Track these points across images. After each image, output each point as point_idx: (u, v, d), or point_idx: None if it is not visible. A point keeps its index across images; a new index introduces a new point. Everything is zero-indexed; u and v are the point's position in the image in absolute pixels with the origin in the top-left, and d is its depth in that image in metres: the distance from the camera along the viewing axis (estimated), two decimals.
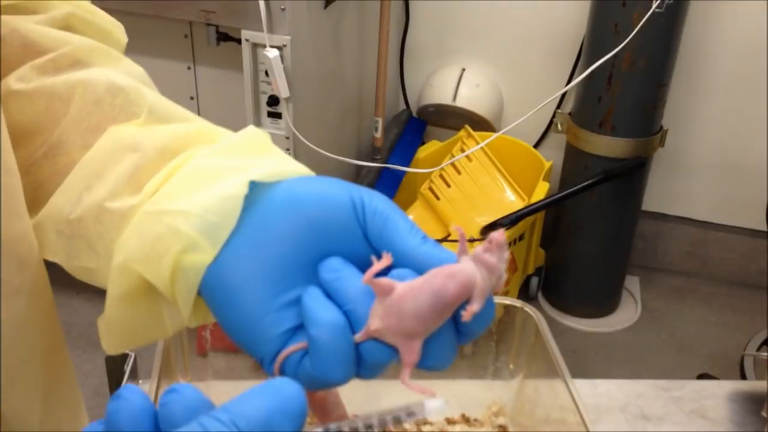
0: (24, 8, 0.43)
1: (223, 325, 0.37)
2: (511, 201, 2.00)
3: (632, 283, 2.30)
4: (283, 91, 1.53)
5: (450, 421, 0.77)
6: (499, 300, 0.76)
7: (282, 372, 0.36)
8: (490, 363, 0.79)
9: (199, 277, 0.36)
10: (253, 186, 0.37)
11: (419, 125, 2.23)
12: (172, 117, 0.42)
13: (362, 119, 2.05)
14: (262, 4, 1.45)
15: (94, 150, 0.40)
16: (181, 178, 0.38)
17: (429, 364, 0.35)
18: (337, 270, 0.35)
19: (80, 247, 0.40)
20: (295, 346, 0.35)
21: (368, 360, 0.35)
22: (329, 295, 0.35)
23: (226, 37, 1.61)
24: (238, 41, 1.54)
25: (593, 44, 1.85)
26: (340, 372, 0.34)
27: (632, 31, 1.68)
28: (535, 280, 2.19)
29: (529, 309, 0.73)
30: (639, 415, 0.79)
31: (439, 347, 0.35)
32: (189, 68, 1.74)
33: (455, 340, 0.35)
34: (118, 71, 0.43)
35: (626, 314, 2.21)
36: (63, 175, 0.40)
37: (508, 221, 1.83)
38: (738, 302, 2.24)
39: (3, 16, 0.42)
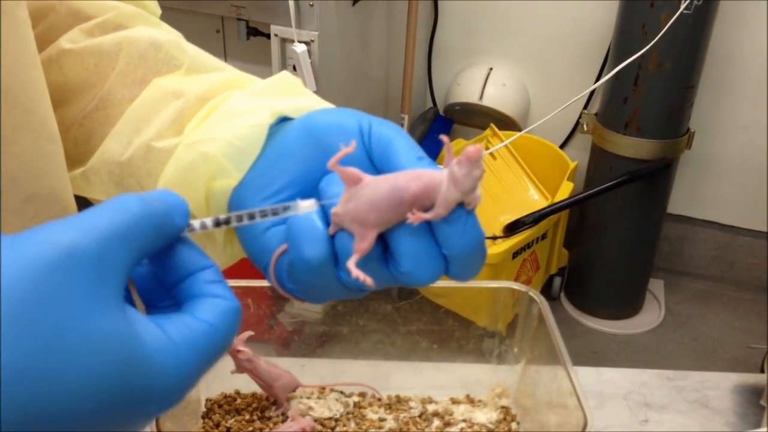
0: None
1: (241, 244, 0.40)
2: (535, 200, 2.01)
3: (656, 286, 2.29)
4: (310, 86, 1.57)
5: (454, 401, 0.79)
6: (505, 284, 0.78)
7: (277, 276, 0.38)
8: (495, 347, 0.81)
9: (226, 199, 0.40)
10: (282, 121, 0.40)
11: (445, 123, 2.25)
12: (210, 67, 0.46)
13: (389, 116, 2.08)
14: (291, 0, 1.49)
15: (142, 98, 0.44)
16: (216, 117, 0.42)
17: (404, 269, 0.35)
18: (331, 178, 0.37)
19: (131, 185, 0.44)
20: (282, 246, 0.37)
21: (340, 251, 0.35)
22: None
23: (256, 32, 1.65)
24: (268, 36, 1.58)
25: (620, 45, 1.86)
26: (310, 248, 0.35)
27: (659, 33, 1.69)
28: (557, 280, 2.20)
29: (533, 294, 0.75)
30: (642, 403, 0.81)
31: (409, 249, 0.35)
32: None
33: (432, 249, 0.35)
34: (158, 30, 0.48)
35: (649, 317, 2.21)
36: (112, 125, 0.44)
37: (531, 219, 1.85)
38: (763, 308, 2.22)
39: None
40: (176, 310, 0.31)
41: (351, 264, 0.34)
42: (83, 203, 0.45)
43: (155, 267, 0.32)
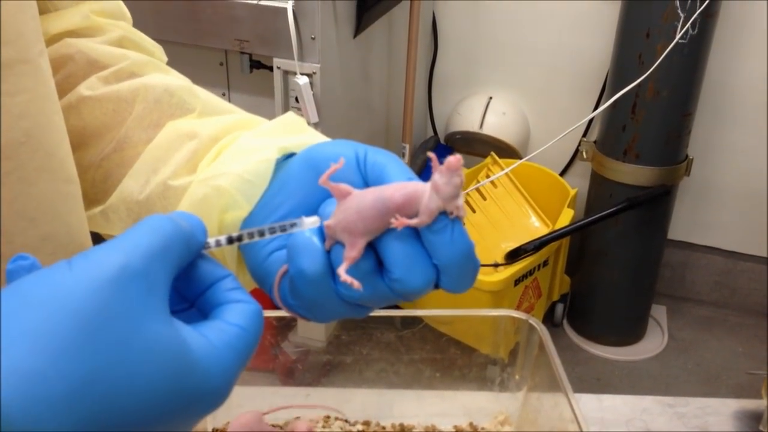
0: (84, 33, 0.51)
1: (249, 271, 0.42)
2: (536, 227, 2.02)
3: (659, 312, 2.29)
4: (312, 117, 1.59)
5: (458, 429, 0.80)
6: (505, 312, 0.79)
7: (281, 294, 0.40)
8: (497, 374, 0.82)
9: (237, 230, 0.42)
10: (289, 157, 0.43)
11: (446, 152, 2.28)
12: (221, 110, 0.49)
13: (390, 145, 2.10)
14: (293, 34, 1.52)
15: (158, 140, 0.47)
16: (227, 155, 0.45)
17: (395, 276, 0.36)
18: (329, 201, 0.39)
19: None
20: (284, 266, 0.40)
21: (335, 264, 0.37)
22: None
23: (258, 64, 1.68)
24: (270, 69, 1.61)
25: (617, 74, 1.89)
26: (307, 261, 0.37)
27: (656, 62, 1.71)
28: (560, 307, 2.20)
29: (533, 322, 0.76)
30: (643, 430, 0.81)
31: (398, 255, 0.36)
32: (224, 94, 1.81)
33: (420, 256, 0.36)
34: (171, 77, 0.51)
35: (652, 343, 2.21)
36: (129, 166, 0.47)
37: (533, 247, 1.86)
38: (766, 334, 2.22)
39: (69, 39, 0.50)
40: (192, 313, 0.34)
41: (341, 270, 0.36)
42: (96, 240, 0.47)
43: (177, 282, 0.34)
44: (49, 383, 0.25)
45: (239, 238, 0.36)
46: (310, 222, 0.37)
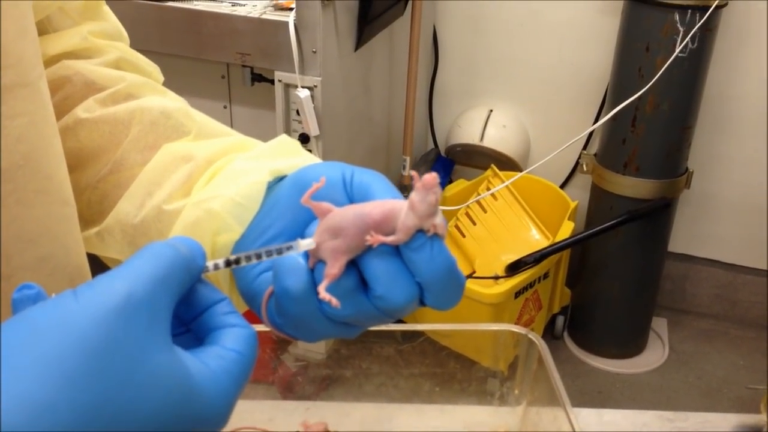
0: (82, 54, 0.51)
1: (239, 293, 0.43)
2: (536, 239, 2.03)
3: (660, 324, 2.29)
4: (313, 130, 1.60)
5: None
6: (505, 327, 0.79)
7: (268, 313, 0.41)
8: (497, 388, 0.82)
9: (229, 252, 0.42)
10: (281, 179, 0.43)
11: (447, 164, 2.28)
12: (216, 133, 0.50)
13: (390, 157, 2.11)
14: (294, 47, 1.52)
15: (153, 162, 0.47)
16: (221, 178, 0.45)
17: (377, 293, 0.37)
18: (316, 222, 0.39)
19: (144, 244, 0.46)
20: (272, 287, 0.40)
21: (319, 281, 0.37)
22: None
23: (260, 77, 1.69)
24: (272, 82, 1.62)
25: (617, 88, 1.89)
26: (291, 279, 0.37)
27: (655, 75, 1.72)
28: (560, 319, 2.20)
29: (532, 336, 0.76)
30: None
31: (378, 272, 0.36)
32: (225, 107, 1.82)
33: (402, 272, 0.36)
34: (167, 99, 0.51)
35: (653, 356, 2.20)
36: (125, 188, 0.47)
37: (533, 259, 1.86)
38: (766, 346, 2.22)
39: (67, 61, 0.50)
40: (190, 338, 0.35)
41: (321, 288, 0.37)
42: (92, 260, 0.47)
43: (175, 305, 0.34)
44: (57, 413, 0.26)
45: (237, 261, 0.37)
46: (306, 244, 0.37)
